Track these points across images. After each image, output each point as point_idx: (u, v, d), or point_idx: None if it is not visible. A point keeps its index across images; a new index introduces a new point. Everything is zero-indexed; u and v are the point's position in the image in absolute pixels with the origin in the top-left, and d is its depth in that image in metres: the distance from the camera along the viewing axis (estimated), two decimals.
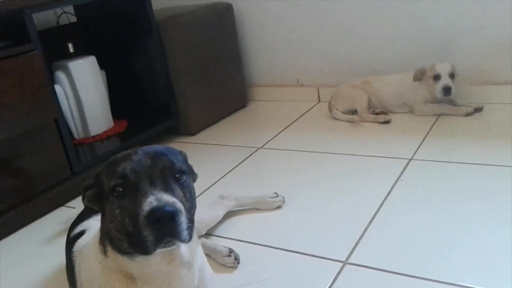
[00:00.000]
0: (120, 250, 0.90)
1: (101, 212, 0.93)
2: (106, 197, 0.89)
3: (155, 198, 0.81)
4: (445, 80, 2.24)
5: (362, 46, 2.63)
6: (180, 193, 0.88)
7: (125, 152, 0.91)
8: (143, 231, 0.81)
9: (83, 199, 0.96)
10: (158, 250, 0.84)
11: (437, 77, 2.26)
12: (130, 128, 2.44)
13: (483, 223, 1.44)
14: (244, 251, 1.46)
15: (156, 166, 0.87)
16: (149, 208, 0.80)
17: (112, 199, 0.87)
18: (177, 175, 0.89)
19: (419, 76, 2.32)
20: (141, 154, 0.88)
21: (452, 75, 2.25)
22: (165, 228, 0.80)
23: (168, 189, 0.85)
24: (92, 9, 2.50)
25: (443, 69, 2.25)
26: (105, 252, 0.95)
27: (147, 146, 0.93)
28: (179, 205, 0.83)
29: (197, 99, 2.56)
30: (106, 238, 0.93)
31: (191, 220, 0.89)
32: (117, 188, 0.86)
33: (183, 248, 0.92)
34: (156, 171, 0.86)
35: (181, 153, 0.99)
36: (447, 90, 2.23)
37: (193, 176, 1.02)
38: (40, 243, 1.74)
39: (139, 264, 0.90)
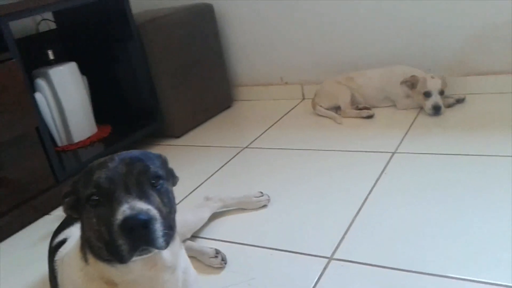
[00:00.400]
0: (101, 257, 0.89)
1: (80, 219, 0.92)
2: (83, 206, 0.88)
3: (128, 207, 0.80)
4: (435, 98, 2.22)
5: (344, 43, 2.64)
6: (157, 199, 0.87)
7: (102, 159, 0.90)
8: (117, 240, 0.80)
9: (62, 207, 0.95)
10: (135, 258, 0.83)
11: (427, 94, 2.24)
12: (114, 133, 2.42)
13: (468, 214, 1.46)
14: (230, 252, 1.46)
15: (132, 172, 0.86)
16: (122, 217, 0.79)
17: (89, 207, 0.86)
18: (153, 181, 0.88)
19: (408, 85, 2.30)
20: (117, 161, 0.88)
21: (442, 92, 2.24)
22: (139, 237, 0.80)
23: (143, 196, 0.84)
24: (72, 15, 2.48)
25: (434, 86, 2.22)
26: (86, 260, 0.94)
27: (125, 152, 0.92)
28: (154, 212, 0.82)
29: (181, 101, 2.55)
30: (86, 245, 0.93)
31: (169, 226, 0.88)
32: (93, 197, 0.85)
33: (165, 252, 0.91)
34: (131, 178, 0.85)
35: (160, 157, 0.98)
36: (437, 109, 2.21)
37: (174, 179, 1.01)
38: (25, 252, 1.72)
39: (120, 271, 0.90)
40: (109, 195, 0.84)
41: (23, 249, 1.75)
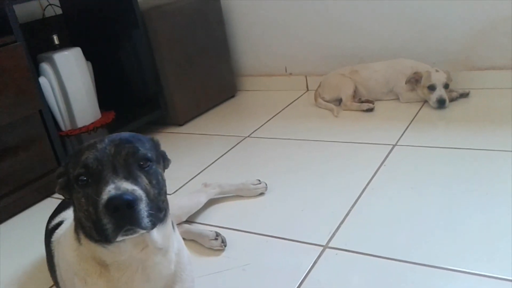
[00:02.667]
0: (92, 238, 0.90)
1: (72, 200, 0.93)
2: (72, 186, 0.89)
3: (114, 187, 0.81)
4: (440, 92, 2.21)
5: (349, 35, 2.63)
6: (145, 180, 0.87)
7: (92, 141, 0.91)
8: (102, 220, 0.81)
9: (56, 187, 0.97)
10: (121, 238, 0.84)
11: (431, 88, 2.23)
12: (117, 119, 2.44)
13: (466, 207, 1.46)
14: (226, 237, 1.47)
15: (120, 153, 0.87)
16: (107, 197, 0.80)
17: (77, 188, 0.87)
18: (141, 162, 0.88)
19: (412, 82, 2.30)
20: (106, 142, 0.88)
21: (446, 86, 2.23)
22: (124, 216, 0.80)
23: (130, 177, 0.85)
24: (78, 1, 2.49)
25: (439, 80, 2.22)
26: (79, 241, 0.95)
27: (115, 134, 0.92)
28: (139, 192, 0.83)
29: (185, 90, 2.56)
30: (79, 226, 0.94)
31: (158, 207, 0.89)
32: (81, 177, 0.86)
33: (155, 234, 0.92)
34: (119, 159, 0.86)
35: (151, 140, 0.98)
36: (441, 102, 2.20)
37: (165, 162, 1.01)
38: (28, 234, 1.75)
39: (111, 252, 0.90)
40: (97, 176, 0.85)
41: (25, 230, 1.78)
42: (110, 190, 0.81)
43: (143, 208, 0.83)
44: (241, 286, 1.27)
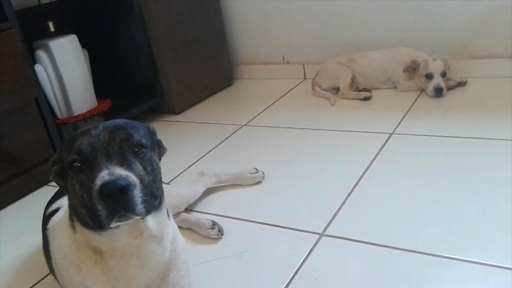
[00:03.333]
0: (87, 225, 0.90)
1: (66, 187, 0.93)
2: (66, 173, 0.89)
3: (107, 172, 0.81)
4: (437, 80, 2.20)
5: (347, 24, 2.61)
6: (139, 167, 0.87)
7: (86, 127, 0.90)
8: (96, 205, 0.81)
9: (50, 175, 0.96)
10: (115, 224, 0.83)
11: (429, 76, 2.22)
12: (114, 107, 2.43)
13: (462, 195, 1.46)
14: (223, 225, 1.47)
15: (114, 140, 0.86)
16: (101, 183, 0.80)
17: (71, 174, 0.87)
18: (135, 149, 0.88)
19: (410, 71, 2.29)
20: (100, 128, 0.88)
21: (444, 74, 2.22)
22: (117, 202, 0.80)
23: (124, 163, 0.84)
24: None
25: (436, 68, 2.21)
26: (73, 228, 0.95)
27: (110, 121, 0.92)
28: (133, 178, 0.82)
29: (182, 78, 2.55)
30: (74, 214, 0.93)
31: (152, 194, 0.88)
32: (75, 164, 0.85)
33: (150, 222, 0.92)
34: (113, 145, 0.86)
35: (146, 127, 0.97)
36: (439, 90, 2.19)
37: (160, 150, 1.00)
38: (24, 222, 1.75)
39: (106, 239, 0.90)
40: (91, 162, 0.84)
41: (21, 219, 1.77)
42: (103, 175, 0.80)
43: (137, 194, 0.82)
44: (238, 274, 1.28)
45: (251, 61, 2.97)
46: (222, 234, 1.43)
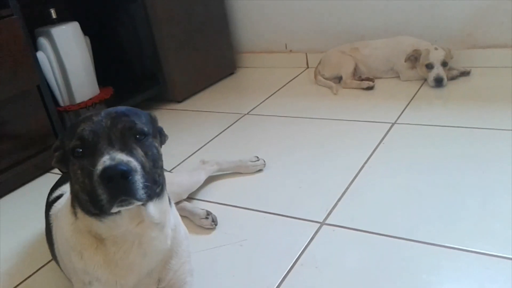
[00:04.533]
0: (89, 212, 0.90)
1: (68, 173, 0.93)
2: (68, 158, 0.89)
3: (109, 157, 0.81)
4: (437, 70, 2.19)
5: (350, 12, 2.59)
6: (140, 153, 0.87)
7: (88, 114, 0.90)
8: (97, 190, 0.81)
9: (53, 161, 0.97)
10: (116, 209, 0.84)
11: (429, 66, 2.21)
12: (116, 95, 2.43)
13: (463, 185, 1.46)
14: (224, 214, 1.48)
15: (116, 126, 0.86)
16: (102, 167, 0.80)
17: (73, 160, 0.87)
18: (137, 136, 0.88)
19: (412, 60, 2.28)
20: (102, 115, 0.88)
21: (445, 64, 2.21)
22: (118, 187, 0.80)
23: (126, 149, 0.84)
24: None
25: (436, 58, 2.20)
26: (75, 214, 0.96)
27: (112, 108, 0.92)
28: (134, 164, 0.83)
29: (184, 66, 2.54)
30: (75, 200, 0.94)
31: (154, 180, 0.88)
32: (77, 149, 0.86)
33: (152, 209, 0.92)
34: (115, 132, 0.86)
35: (148, 114, 0.98)
36: (439, 80, 2.19)
37: (162, 138, 1.00)
38: (26, 209, 1.76)
39: (107, 226, 0.91)
40: (92, 147, 0.85)
41: (23, 206, 1.78)
42: (105, 160, 0.81)
43: (138, 179, 0.82)
44: (238, 261, 1.28)
45: (253, 49, 2.96)
46: (215, 224, 1.44)
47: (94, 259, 0.95)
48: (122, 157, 0.82)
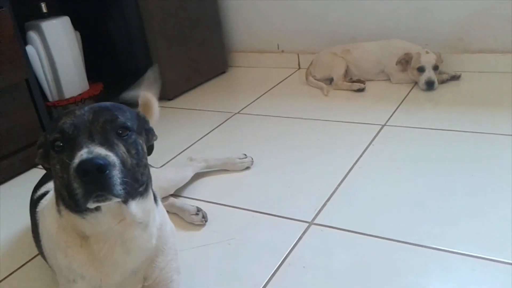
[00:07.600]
0: (71, 208, 0.89)
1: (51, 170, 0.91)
2: (49, 153, 0.87)
3: (87, 151, 0.79)
4: (428, 74, 2.20)
5: (343, 14, 2.60)
6: (122, 149, 0.85)
7: (72, 108, 0.89)
8: (73, 184, 0.79)
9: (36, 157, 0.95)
10: (92, 204, 0.81)
11: (421, 69, 2.22)
12: (105, 91, 2.41)
13: (451, 187, 1.46)
14: (212, 212, 1.47)
15: (97, 120, 0.84)
16: (79, 161, 0.78)
17: (53, 154, 0.85)
18: (119, 131, 0.86)
19: (403, 63, 2.29)
20: (85, 109, 0.86)
21: (436, 67, 2.22)
22: (94, 181, 0.78)
23: (106, 144, 0.82)
24: None
25: (428, 62, 2.21)
26: (59, 212, 0.94)
27: (97, 103, 0.91)
28: (113, 158, 0.80)
29: (175, 63, 2.53)
30: (59, 197, 0.92)
31: (135, 178, 0.86)
32: (57, 143, 0.84)
33: (134, 208, 0.90)
34: (96, 126, 0.84)
35: (137, 112, 0.95)
36: (430, 84, 2.20)
37: (149, 136, 0.98)
38: (12, 204, 1.73)
39: (90, 223, 0.89)
40: (72, 141, 0.83)
41: (9, 201, 1.76)
42: (82, 154, 0.79)
43: (116, 174, 0.80)
44: (226, 260, 1.28)
45: (245, 49, 2.95)
46: (206, 221, 1.43)
47: (79, 256, 0.94)
48: (100, 151, 0.80)
